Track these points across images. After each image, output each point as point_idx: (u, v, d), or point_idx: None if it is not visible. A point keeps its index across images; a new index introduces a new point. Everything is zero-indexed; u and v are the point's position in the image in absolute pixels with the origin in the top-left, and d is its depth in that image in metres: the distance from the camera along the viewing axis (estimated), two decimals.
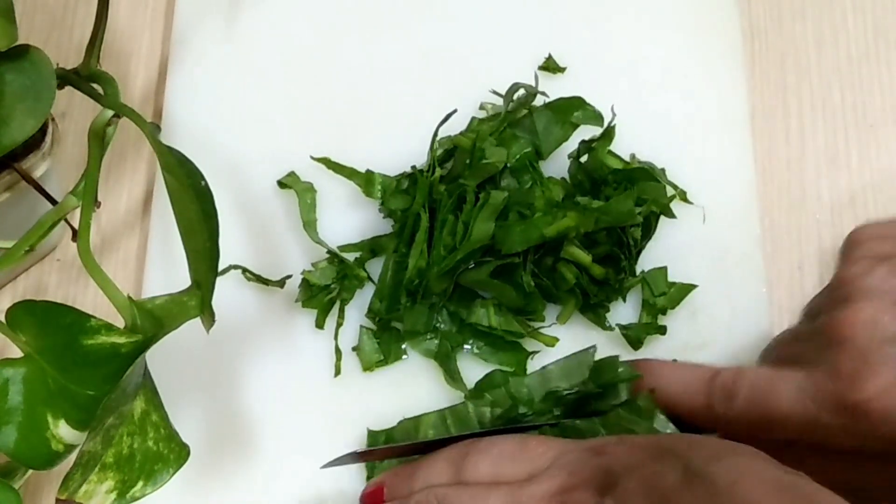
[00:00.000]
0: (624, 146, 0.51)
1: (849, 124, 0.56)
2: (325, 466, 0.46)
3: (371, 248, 0.50)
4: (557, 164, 0.51)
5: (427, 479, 0.43)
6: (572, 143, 0.51)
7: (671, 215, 0.50)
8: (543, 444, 0.42)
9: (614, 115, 0.50)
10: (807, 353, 0.42)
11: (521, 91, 0.51)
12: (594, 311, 0.49)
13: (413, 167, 0.51)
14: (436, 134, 0.50)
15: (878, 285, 0.40)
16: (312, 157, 0.52)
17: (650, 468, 0.38)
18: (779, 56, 0.57)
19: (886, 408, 0.38)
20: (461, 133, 0.51)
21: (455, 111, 0.50)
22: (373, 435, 0.47)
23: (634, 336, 0.49)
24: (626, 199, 0.48)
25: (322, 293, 0.50)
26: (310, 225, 0.51)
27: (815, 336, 0.41)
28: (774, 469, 0.36)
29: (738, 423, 0.42)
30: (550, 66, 0.54)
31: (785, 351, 0.46)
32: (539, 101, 0.51)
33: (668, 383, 0.44)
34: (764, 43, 0.57)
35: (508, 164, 0.49)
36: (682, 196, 0.51)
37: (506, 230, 0.47)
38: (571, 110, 0.51)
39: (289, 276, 0.50)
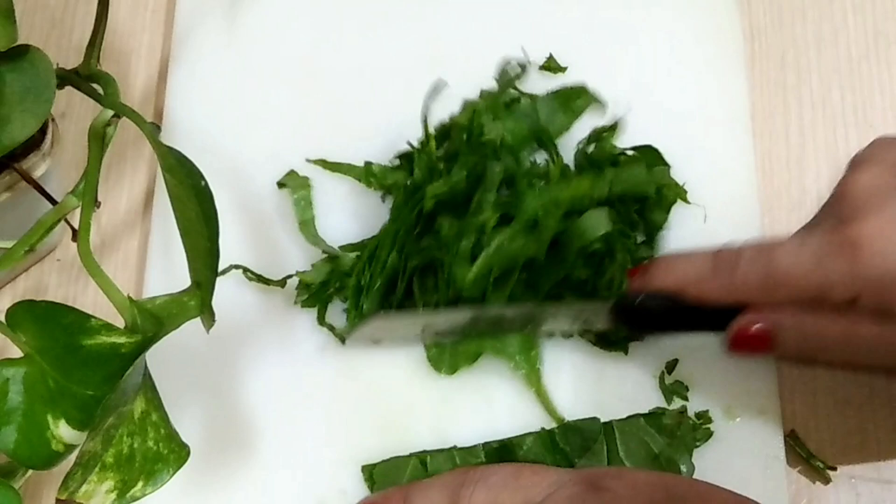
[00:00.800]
0: (625, 146, 0.51)
1: (849, 124, 0.56)
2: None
3: (372, 248, 0.50)
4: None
5: None
6: (574, 137, 0.51)
7: (684, 198, 0.50)
8: (537, 473, 0.42)
9: (627, 108, 0.50)
10: (811, 225, 0.43)
11: (514, 65, 0.51)
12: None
13: (408, 142, 0.51)
14: (426, 106, 0.49)
15: (883, 156, 0.42)
16: (308, 160, 0.52)
17: None
18: (779, 56, 0.57)
19: (879, 244, 0.39)
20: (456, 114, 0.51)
21: (444, 83, 0.50)
22: (367, 470, 0.47)
23: None
24: (637, 166, 0.48)
25: (320, 291, 0.49)
26: (306, 224, 0.51)
27: (820, 214, 0.43)
28: None
29: (744, 288, 0.42)
30: (552, 65, 0.54)
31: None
32: (542, 89, 0.51)
33: (679, 269, 0.44)
34: (764, 43, 0.57)
35: (505, 142, 0.49)
36: (683, 196, 0.51)
37: (520, 197, 0.47)
38: (575, 98, 0.51)
39: (290, 276, 0.50)
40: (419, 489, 0.43)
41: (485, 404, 0.48)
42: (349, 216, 0.52)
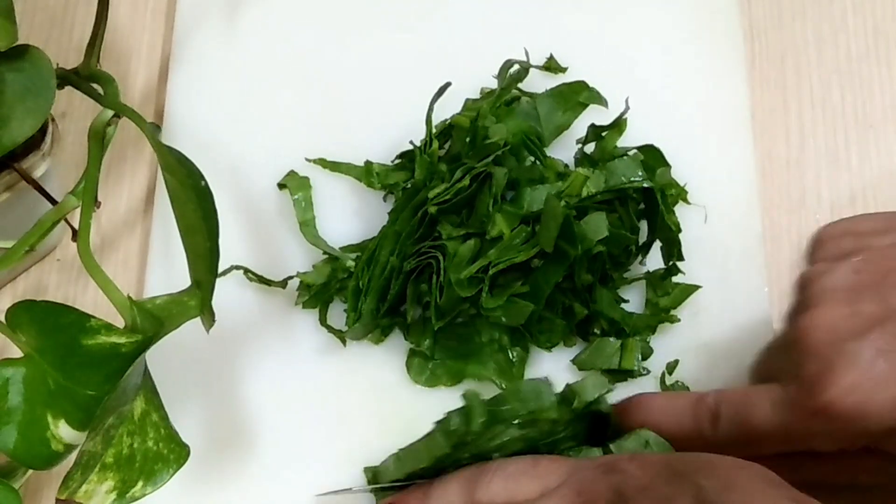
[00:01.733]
0: (625, 146, 0.51)
1: (849, 124, 0.56)
2: (321, 496, 0.47)
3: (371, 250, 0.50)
4: (558, 155, 0.51)
5: (440, 501, 0.43)
6: (573, 134, 0.51)
7: (685, 198, 0.50)
8: (555, 461, 0.42)
9: (628, 107, 0.50)
10: (782, 364, 0.42)
11: (516, 66, 0.51)
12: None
13: (411, 142, 0.51)
14: (431, 108, 0.50)
15: (834, 286, 0.40)
16: (307, 160, 0.52)
17: (661, 491, 0.37)
18: (779, 56, 0.57)
19: (852, 406, 0.38)
20: (457, 114, 0.51)
21: (449, 84, 0.49)
22: (369, 471, 0.47)
23: (643, 323, 0.49)
24: (632, 160, 0.48)
25: (321, 292, 0.49)
26: (306, 225, 0.51)
27: (786, 346, 0.42)
28: (786, 499, 0.36)
29: (726, 444, 0.42)
30: (552, 65, 0.54)
31: (766, 365, 0.47)
32: (542, 89, 0.51)
33: (659, 415, 0.44)
34: (764, 43, 0.57)
35: (508, 143, 0.48)
36: (684, 196, 0.51)
37: (521, 195, 0.47)
38: (574, 95, 0.51)
39: (290, 277, 0.50)
40: (439, 484, 0.43)
41: None
42: (350, 216, 0.52)
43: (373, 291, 0.47)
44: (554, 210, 0.45)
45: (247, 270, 0.50)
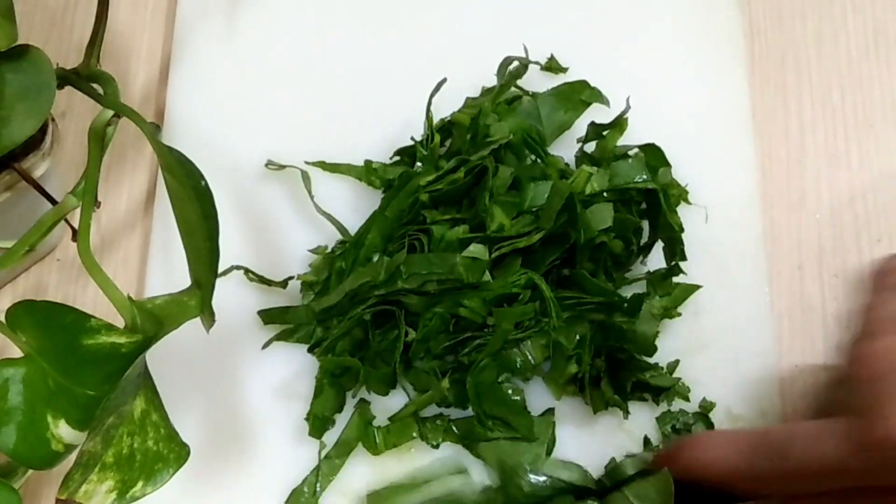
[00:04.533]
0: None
1: (849, 124, 0.56)
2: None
3: (360, 232, 0.50)
4: (558, 154, 0.51)
5: None
6: (574, 133, 0.51)
7: (686, 198, 0.50)
8: None
9: (629, 106, 0.50)
10: (845, 396, 0.40)
11: (515, 63, 0.51)
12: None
13: (412, 137, 0.51)
14: (430, 102, 0.50)
15: (892, 316, 0.39)
16: (307, 162, 0.52)
17: None
18: (779, 56, 0.57)
19: None
20: (457, 111, 0.51)
21: (445, 80, 0.50)
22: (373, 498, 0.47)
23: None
24: (636, 161, 0.48)
25: (324, 288, 0.49)
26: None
27: (846, 378, 0.40)
28: None
29: (789, 479, 0.40)
30: (552, 66, 0.54)
31: (829, 397, 0.46)
32: (543, 89, 0.51)
33: (707, 450, 0.42)
34: (764, 43, 0.57)
35: (509, 141, 0.48)
36: (684, 196, 0.51)
37: (523, 192, 0.47)
38: (576, 94, 0.51)
39: (290, 277, 0.50)
40: None
41: None
42: (350, 215, 0.52)
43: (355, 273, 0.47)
44: (559, 189, 0.45)
45: (247, 270, 0.50)
